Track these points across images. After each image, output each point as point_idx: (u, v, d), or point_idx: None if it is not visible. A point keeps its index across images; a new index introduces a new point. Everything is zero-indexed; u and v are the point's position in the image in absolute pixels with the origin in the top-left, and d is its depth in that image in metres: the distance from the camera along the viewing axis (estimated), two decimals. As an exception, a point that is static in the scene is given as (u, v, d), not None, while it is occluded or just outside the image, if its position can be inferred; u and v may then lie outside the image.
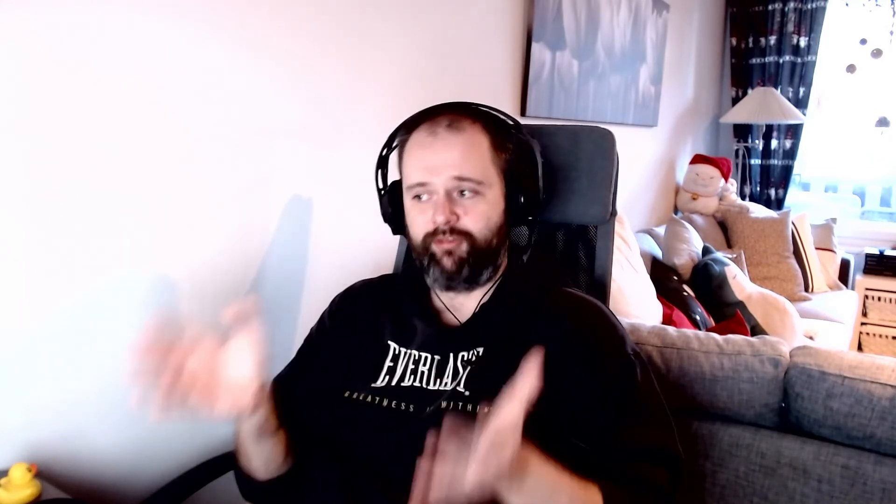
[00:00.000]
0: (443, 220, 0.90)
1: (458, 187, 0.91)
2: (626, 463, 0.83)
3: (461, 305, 0.98)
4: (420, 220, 0.94)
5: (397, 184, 1.00)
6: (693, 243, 2.97)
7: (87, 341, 1.05)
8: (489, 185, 0.93)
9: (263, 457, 0.90)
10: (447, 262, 0.91)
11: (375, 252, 1.55)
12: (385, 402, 0.90)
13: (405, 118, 1.00)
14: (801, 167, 4.48)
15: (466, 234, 0.91)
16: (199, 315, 1.22)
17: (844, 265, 3.82)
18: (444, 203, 0.90)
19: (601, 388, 0.87)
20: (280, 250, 1.37)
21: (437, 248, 0.92)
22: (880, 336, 3.74)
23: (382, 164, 1.04)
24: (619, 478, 0.81)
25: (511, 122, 1.00)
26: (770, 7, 4.08)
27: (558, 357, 0.88)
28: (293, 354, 1.08)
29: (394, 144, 1.01)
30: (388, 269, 1.33)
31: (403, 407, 0.89)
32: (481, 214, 0.92)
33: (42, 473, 0.95)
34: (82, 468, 1.06)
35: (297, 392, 0.99)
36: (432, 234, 0.92)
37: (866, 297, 3.79)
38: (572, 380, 0.86)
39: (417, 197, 0.94)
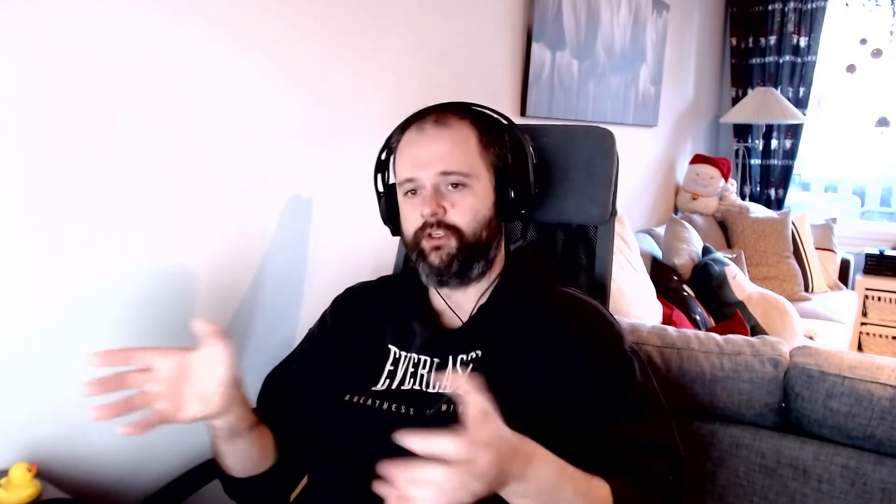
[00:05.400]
0: (429, 212, 0.91)
1: (446, 181, 0.92)
2: (628, 455, 0.83)
3: (459, 306, 0.98)
4: (411, 216, 0.95)
5: (394, 186, 1.01)
6: (693, 243, 2.97)
7: (88, 341, 1.05)
8: (477, 177, 0.93)
9: (237, 456, 0.89)
10: (435, 258, 0.92)
11: (375, 252, 1.55)
12: (385, 406, 0.91)
13: (404, 119, 1.01)
14: (801, 167, 4.48)
15: (454, 229, 0.92)
16: (200, 314, 1.22)
17: (844, 265, 3.82)
18: (431, 196, 0.91)
19: (599, 385, 0.87)
20: (280, 250, 1.37)
21: (426, 244, 0.93)
22: (880, 336, 3.74)
23: (381, 167, 1.05)
24: (622, 470, 0.80)
25: (504, 121, 1.00)
26: (770, 7, 4.08)
27: (556, 357, 0.88)
28: (293, 355, 1.08)
29: (392, 146, 1.01)
30: (388, 269, 1.33)
31: (404, 410, 0.89)
32: (469, 207, 0.92)
33: (42, 473, 0.95)
34: (82, 468, 1.06)
35: (297, 391, 0.99)
36: (422, 229, 0.93)
37: (866, 297, 3.79)
38: (571, 378, 0.87)
39: (409, 193, 0.95)
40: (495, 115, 1.00)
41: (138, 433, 0.71)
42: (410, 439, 0.60)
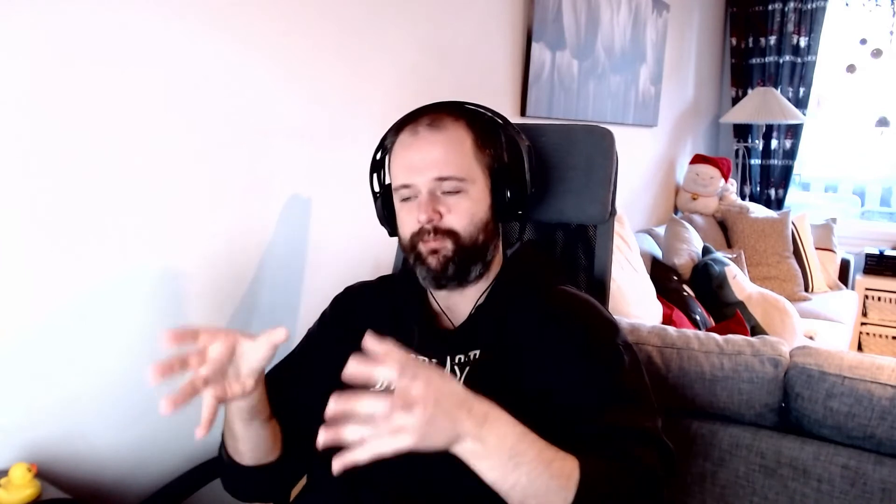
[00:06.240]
0: (426, 218, 0.91)
1: (441, 186, 0.92)
2: (611, 442, 0.81)
3: (456, 306, 0.98)
4: (407, 221, 0.95)
5: (390, 186, 1.01)
6: (693, 243, 2.97)
7: (87, 341, 1.05)
8: (472, 181, 0.93)
9: (252, 440, 0.89)
10: (432, 262, 0.92)
11: (375, 252, 1.55)
12: None
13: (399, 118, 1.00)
14: (801, 167, 4.48)
15: (451, 233, 0.92)
16: (200, 315, 1.22)
17: (844, 265, 3.82)
18: (427, 202, 0.91)
19: (588, 374, 0.86)
20: (280, 250, 1.37)
21: (423, 248, 0.93)
22: (880, 336, 3.74)
23: (376, 167, 1.05)
24: (606, 454, 0.79)
25: (499, 120, 1.00)
26: (770, 7, 4.08)
27: (553, 355, 0.88)
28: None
29: (386, 147, 1.01)
30: (387, 268, 1.33)
31: None
32: (465, 211, 0.92)
33: (42, 473, 0.95)
34: (82, 468, 1.06)
35: (296, 390, 1.00)
36: (418, 234, 0.93)
37: (866, 297, 3.79)
38: (566, 375, 0.86)
39: (405, 198, 0.95)
40: (490, 115, 1.00)
41: (179, 406, 0.70)
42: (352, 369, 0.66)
